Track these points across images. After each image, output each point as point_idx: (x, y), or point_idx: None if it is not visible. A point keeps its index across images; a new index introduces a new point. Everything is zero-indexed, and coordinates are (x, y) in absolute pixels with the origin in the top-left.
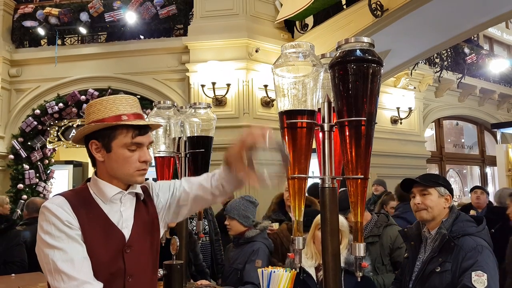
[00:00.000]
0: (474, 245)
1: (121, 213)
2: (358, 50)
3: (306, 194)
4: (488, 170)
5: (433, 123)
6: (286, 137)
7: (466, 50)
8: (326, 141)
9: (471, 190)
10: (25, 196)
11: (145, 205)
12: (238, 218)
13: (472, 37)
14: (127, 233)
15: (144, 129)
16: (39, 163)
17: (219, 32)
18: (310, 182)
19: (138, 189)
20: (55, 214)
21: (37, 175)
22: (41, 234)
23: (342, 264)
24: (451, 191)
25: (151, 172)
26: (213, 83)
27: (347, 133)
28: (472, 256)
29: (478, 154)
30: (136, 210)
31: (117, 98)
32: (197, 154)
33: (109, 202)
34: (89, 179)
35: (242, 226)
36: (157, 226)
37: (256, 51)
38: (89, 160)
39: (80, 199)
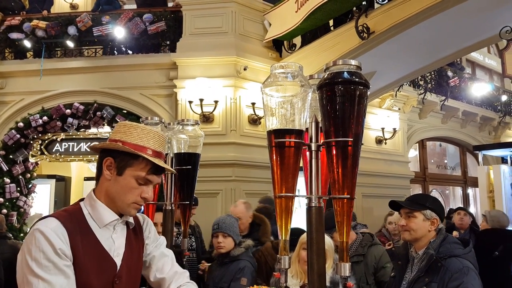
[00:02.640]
0: (460, 266)
1: (113, 240)
2: (345, 72)
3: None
4: (470, 191)
5: (417, 144)
6: (274, 156)
7: (449, 73)
8: (313, 160)
9: (454, 210)
10: (5, 211)
11: (135, 234)
12: (234, 235)
13: (455, 61)
14: (118, 261)
15: (160, 170)
16: (20, 177)
17: (208, 49)
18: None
19: (129, 218)
20: (48, 239)
21: (18, 189)
22: (28, 259)
23: (327, 284)
24: (439, 213)
25: None
26: (201, 100)
27: (334, 153)
28: (458, 278)
29: (460, 175)
30: (127, 239)
31: (151, 131)
32: (183, 170)
33: (104, 227)
34: (82, 199)
35: (234, 244)
36: (142, 257)
37: (245, 69)
38: (72, 175)
39: (75, 223)
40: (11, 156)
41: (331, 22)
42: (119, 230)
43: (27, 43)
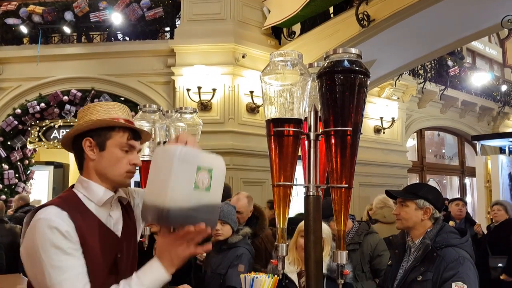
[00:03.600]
0: (456, 256)
1: (111, 216)
2: (345, 61)
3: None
4: (467, 181)
5: (415, 133)
6: (273, 145)
7: (450, 63)
8: (312, 149)
9: (451, 201)
10: (3, 197)
11: (126, 209)
12: (231, 223)
13: (456, 50)
14: (119, 235)
15: (137, 135)
16: (19, 163)
17: (206, 36)
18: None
19: (122, 193)
20: (53, 226)
21: (17, 175)
22: (36, 250)
23: (325, 271)
24: (434, 202)
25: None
26: (199, 88)
27: (333, 143)
28: (453, 267)
29: (458, 165)
30: (123, 214)
31: (115, 104)
32: None
33: (102, 204)
34: (73, 186)
35: (231, 232)
36: (136, 231)
37: (243, 56)
38: (70, 162)
39: (72, 206)
40: (9, 143)
41: (331, 9)
42: (115, 207)
43: (24, 29)
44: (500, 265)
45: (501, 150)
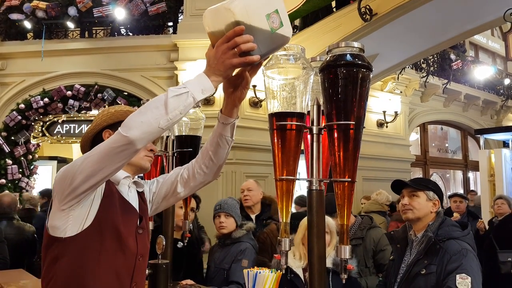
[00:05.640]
0: (459, 248)
1: (129, 196)
2: (348, 55)
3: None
4: (471, 175)
5: (418, 127)
6: (275, 139)
7: (452, 56)
8: (315, 144)
9: (450, 197)
10: (7, 192)
11: (141, 196)
12: (235, 216)
13: (459, 44)
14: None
15: None
16: (22, 158)
17: None
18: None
19: (138, 180)
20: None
21: (20, 170)
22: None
23: (330, 265)
24: (440, 196)
25: None
26: None
27: (336, 137)
28: (457, 259)
29: (461, 159)
30: (138, 199)
31: (125, 106)
32: (185, 153)
33: (120, 184)
34: None
35: (235, 225)
36: (148, 213)
37: None
38: (74, 157)
39: None
40: (12, 138)
41: (333, 4)
42: (132, 190)
43: (27, 24)
44: (510, 259)
45: (505, 144)
